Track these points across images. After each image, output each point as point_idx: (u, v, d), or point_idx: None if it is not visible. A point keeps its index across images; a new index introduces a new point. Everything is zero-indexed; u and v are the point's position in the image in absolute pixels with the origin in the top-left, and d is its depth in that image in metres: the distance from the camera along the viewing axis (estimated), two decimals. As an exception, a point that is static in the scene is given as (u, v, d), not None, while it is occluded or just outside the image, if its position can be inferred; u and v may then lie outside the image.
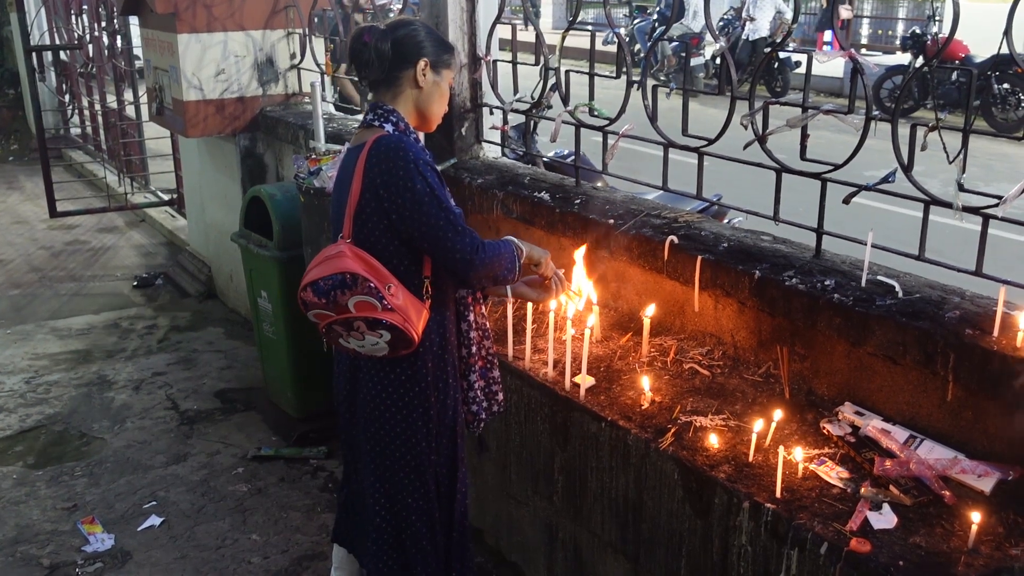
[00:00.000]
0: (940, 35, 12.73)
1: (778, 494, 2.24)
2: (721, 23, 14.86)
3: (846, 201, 2.71)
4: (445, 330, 2.51)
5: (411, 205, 2.30)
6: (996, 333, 2.23)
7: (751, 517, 2.24)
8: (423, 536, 2.59)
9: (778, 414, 2.51)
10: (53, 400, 4.85)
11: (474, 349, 2.61)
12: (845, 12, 15.05)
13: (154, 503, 3.91)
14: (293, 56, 5.35)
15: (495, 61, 3.92)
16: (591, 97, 3.49)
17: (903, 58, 12.92)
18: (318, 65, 5.10)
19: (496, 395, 2.70)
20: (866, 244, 2.60)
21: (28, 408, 4.76)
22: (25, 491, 4.02)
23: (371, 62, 2.41)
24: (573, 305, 2.99)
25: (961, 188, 2.43)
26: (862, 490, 2.22)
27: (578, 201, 3.43)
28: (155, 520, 3.79)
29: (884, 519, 2.12)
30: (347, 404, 2.61)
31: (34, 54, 7.31)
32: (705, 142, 3.09)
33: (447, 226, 2.33)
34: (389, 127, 2.42)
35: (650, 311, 3.00)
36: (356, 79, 2.61)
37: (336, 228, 2.48)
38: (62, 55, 9.13)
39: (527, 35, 3.69)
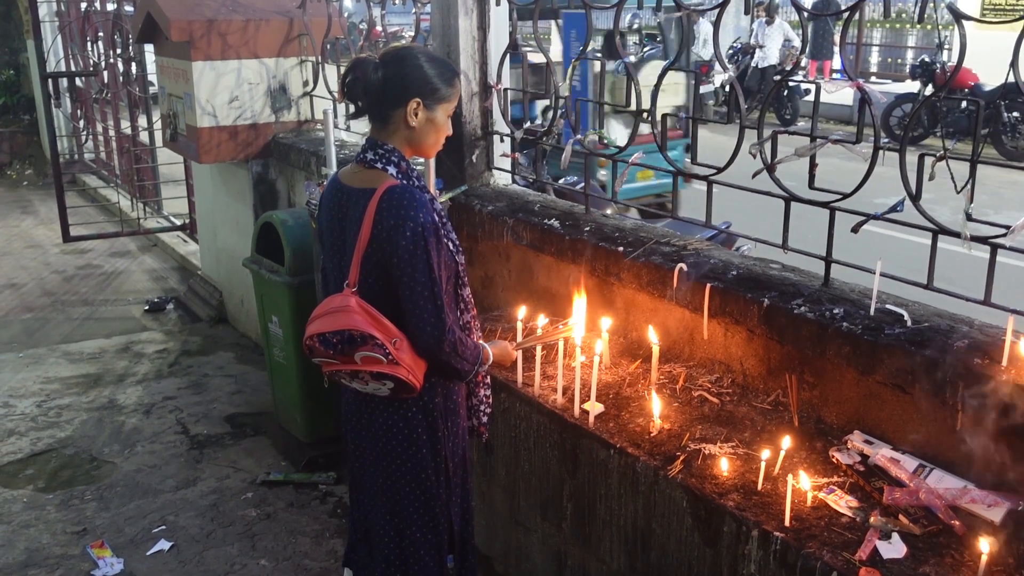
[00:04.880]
0: (949, 64, 12.77)
1: (787, 523, 2.23)
2: (730, 51, 14.94)
3: (855, 230, 2.72)
4: None
5: (405, 267, 2.30)
6: (1005, 362, 2.23)
7: (760, 546, 2.24)
8: (431, 570, 2.59)
9: (787, 442, 2.50)
10: (64, 424, 4.87)
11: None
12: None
13: (163, 527, 3.92)
14: (306, 83, 5.41)
15: (506, 89, 3.95)
16: (601, 125, 3.52)
17: (912, 86, 12.95)
18: (331, 92, 5.15)
19: (490, 398, 2.75)
20: (875, 273, 2.60)
21: (39, 432, 4.78)
22: (35, 514, 4.03)
23: (361, 96, 2.39)
24: (567, 334, 2.97)
25: (969, 218, 2.44)
26: (871, 519, 2.22)
27: (588, 228, 3.44)
28: (164, 545, 3.80)
29: (893, 548, 2.11)
30: (354, 435, 2.62)
31: (50, 80, 7.40)
32: (714, 170, 3.11)
33: (429, 299, 2.32)
34: (392, 169, 2.38)
35: (659, 338, 3.00)
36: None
37: (337, 268, 2.47)
38: (77, 82, 9.22)
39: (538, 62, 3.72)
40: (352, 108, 2.49)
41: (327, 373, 2.45)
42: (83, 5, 8.73)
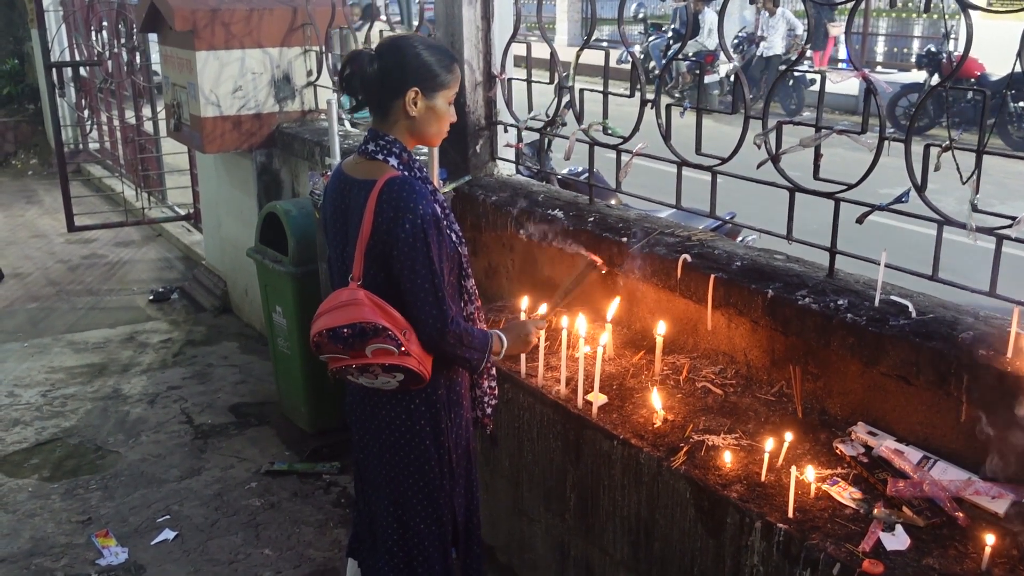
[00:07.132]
0: (955, 53, 12.71)
1: (790, 514, 2.23)
2: (735, 41, 14.88)
3: (860, 221, 2.71)
4: None
5: (405, 259, 2.29)
6: (1010, 354, 2.22)
7: (763, 537, 2.24)
8: (435, 561, 2.59)
9: (790, 434, 2.50)
10: (69, 413, 4.88)
11: None
12: (835, 30, 15.07)
13: (168, 517, 3.93)
14: (310, 73, 5.40)
15: (510, 79, 3.94)
16: (605, 115, 3.51)
17: (918, 76, 12.89)
18: (334, 82, 5.14)
19: (495, 390, 2.74)
20: (879, 264, 2.59)
21: (44, 421, 4.79)
22: (40, 504, 4.04)
23: (359, 90, 2.38)
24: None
25: (975, 208, 2.43)
26: (875, 511, 2.21)
27: (591, 219, 3.44)
28: (169, 534, 3.81)
29: (897, 540, 2.11)
30: (358, 427, 2.61)
31: (54, 70, 7.39)
32: (719, 161, 3.09)
33: (430, 290, 2.31)
34: (394, 160, 2.37)
35: (663, 329, 3.00)
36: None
37: (341, 259, 2.46)
38: (82, 71, 9.22)
39: (542, 52, 3.71)
40: (351, 103, 2.47)
41: (334, 370, 2.43)
42: (87, -6, 8.72)
